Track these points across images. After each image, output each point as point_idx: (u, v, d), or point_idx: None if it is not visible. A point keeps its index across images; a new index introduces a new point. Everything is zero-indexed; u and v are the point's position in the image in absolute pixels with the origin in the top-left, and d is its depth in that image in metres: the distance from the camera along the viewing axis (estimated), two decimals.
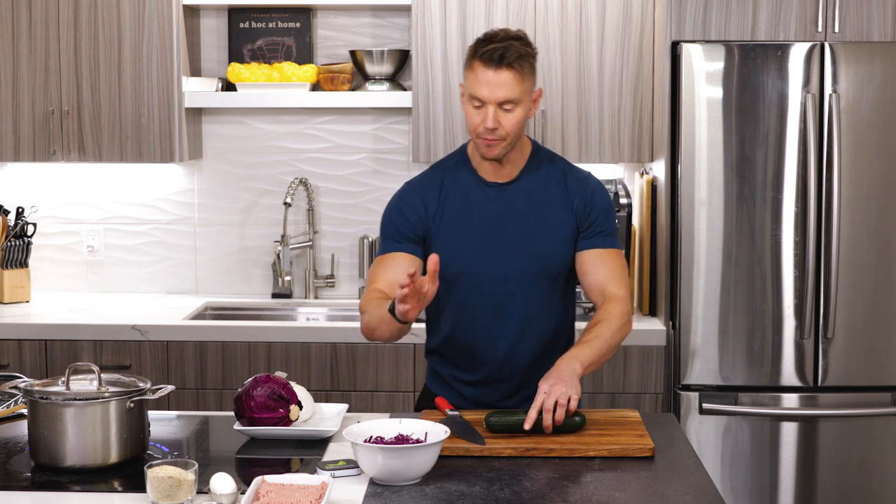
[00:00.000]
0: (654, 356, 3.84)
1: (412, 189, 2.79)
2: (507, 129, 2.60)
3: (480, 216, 2.72)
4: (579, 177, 2.77)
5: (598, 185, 2.78)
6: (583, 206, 2.72)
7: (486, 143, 2.63)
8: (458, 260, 2.71)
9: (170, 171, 4.47)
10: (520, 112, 2.61)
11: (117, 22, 4.09)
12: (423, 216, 2.73)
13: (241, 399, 2.56)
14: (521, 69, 2.58)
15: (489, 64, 2.56)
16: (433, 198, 2.74)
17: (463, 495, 2.19)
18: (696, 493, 2.24)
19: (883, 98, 3.70)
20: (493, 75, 2.56)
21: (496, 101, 2.58)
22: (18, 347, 3.91)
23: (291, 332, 3.92)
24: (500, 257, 2.70)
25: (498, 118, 2.59)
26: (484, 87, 2.57)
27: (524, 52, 2.59)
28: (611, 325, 2.64)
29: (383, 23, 4.40)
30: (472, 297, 2.74)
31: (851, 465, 3.78)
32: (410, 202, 2.75)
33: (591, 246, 2.72)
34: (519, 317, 2.73)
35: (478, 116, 2.60)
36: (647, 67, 4.03)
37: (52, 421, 2.32)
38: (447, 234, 2.72)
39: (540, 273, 2.71)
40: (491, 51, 2.56)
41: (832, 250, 3.71)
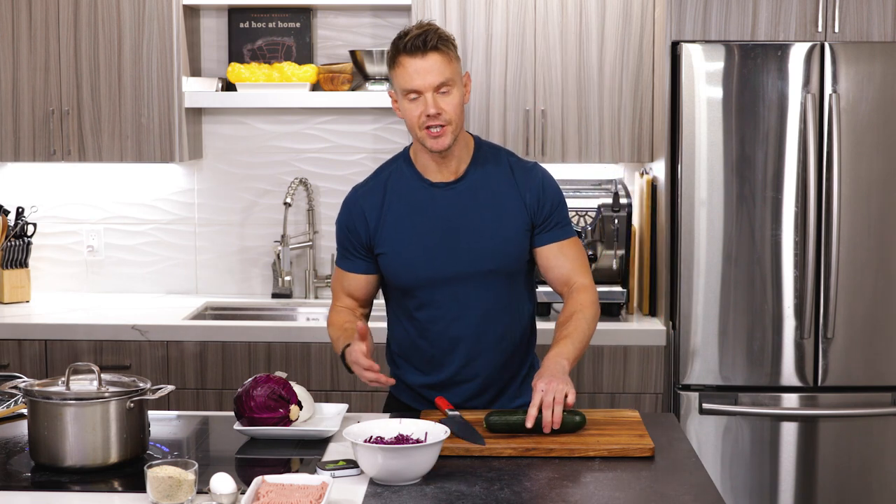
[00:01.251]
0: (654, 356, 3.84)
1: (355, 200, 2.77)
2: (449, 112, 2.59)
3: (428, 219, 2.69)
4: (526, 167, 2.74)
5: (547, 176, 2.76)
6: (535, 201, 2.70)
7: (432, 135, 2.61)
8: (408, 267, 2.69)
9: (170, 171, 4.47)
10: (456, 94, 2.61)
11: (117, 22, 4.09)
12: (365, 229, 2.73)
13: (241, 399, 2.56)
14: (446, 50, 2.59)
15: (415, 53, 2.57)
16: (374, 207, 2.72)
17: (463, 495, 2.19)
18: (696, 493, 2.24)
19: (883, 98, 3.70)
20: (422, 62, 2.57)
21: (431, 86, 2.58)
22: (18, 347, 3.91)
23: (291, 332, 3.92)
24: (453, 259, 2.67)
25: (438, 102, 2.58)
26: (416, 77, 2.58)
27: (444, 35, 2.61)
28: (585, 316, 2.66)
29: (383, 23, 4.40)
30: (428, 302, 2.72)
31: (851, 466, 3.78)
32: (354, 214, 2.75)
33: (550, 240, 2.71)
34: (477, 317, 2.71)
35: (417, 108, 2.60)
36: (647, 67, 4.03)
37: (52, 421, 2.32)
38: (394, 241, 2.70)
39: (495, 271, 2.69)
40: (412, 39, 2.57)
41: (832, 250, 3.71)
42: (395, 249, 2.70)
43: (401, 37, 2.61)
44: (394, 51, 2.61)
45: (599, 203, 3.98)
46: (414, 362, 2.80)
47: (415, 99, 2.59)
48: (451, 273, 2.68)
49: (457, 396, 2.75)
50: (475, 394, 2.77)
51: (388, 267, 2.72)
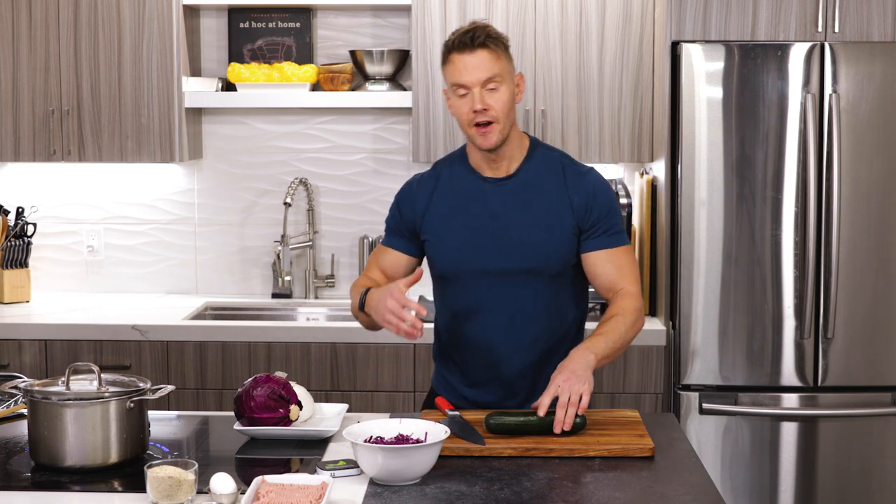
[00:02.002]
0: (654, 356, 3.84)
1: (409, 186, 2.83)
2: (497, 108, 2.62)
3: (475, 211, 2.72)
4: (580, 172, 2.74)
5: (600, 182, 2.75)
6: (584, 205, 2.69)
7: (480, 132, 2.63)
8: (449, 254, 2.73)
9: (170, 171, 4.47)
10: (505, 91, 2.63)
11: (117, 22, 4.09)
12: (412, 215, 2.78)
13: (241, 399, 2.56)
14: (495, 47, 2.62)
15: (463, 49, 2.61)
16: (424, 196, 2.77)
17: (463, 495, 2.19)
18: (696, 493, 2.24)
19: (883, 98, 3.70)
20: (470, 58, 2.61)
21: (479, 81, 2.61)
22: (18, 347, 3.91)
23: (291, 332, 3.92)
24: (494, 253, 2.69)
25: (484, 99, 2.61)
26: (464, 72, 2.61)
27: (494, 34, 2.64)
28: (625, 320, 2.64)
29: (383, 23, 4.40)
30: (466, 293, 2.74)
31: (851, 466, 3.78)
32: (406, 198, 2.81)
33: (597, 247, 2.70)
34: (513, 314, 2.71)
35: (465, 104, 2.63)
36: (647, 67, 4.03)
37: (52, 421, 2.32)
38: (439, 228, 2.74)
39: (536, 270, 2.70)
40: (461, 36, 2.62)
41: (832, 250, 3.71)
42: (440, 236, 2.74)
43: (454, 33, 2.67)
44: (445, 48, 2.66)
45: None
46: (453, 359, 2.81)
47: (463, 95, 2.63)
48: (492, 267, 2.70)
49: (490, 394, 2.76)
50: (507, 394, 2.76)
51: (431, 253, 2.77)
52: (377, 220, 4.46)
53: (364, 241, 4.42)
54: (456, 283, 2.74)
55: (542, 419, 2.49)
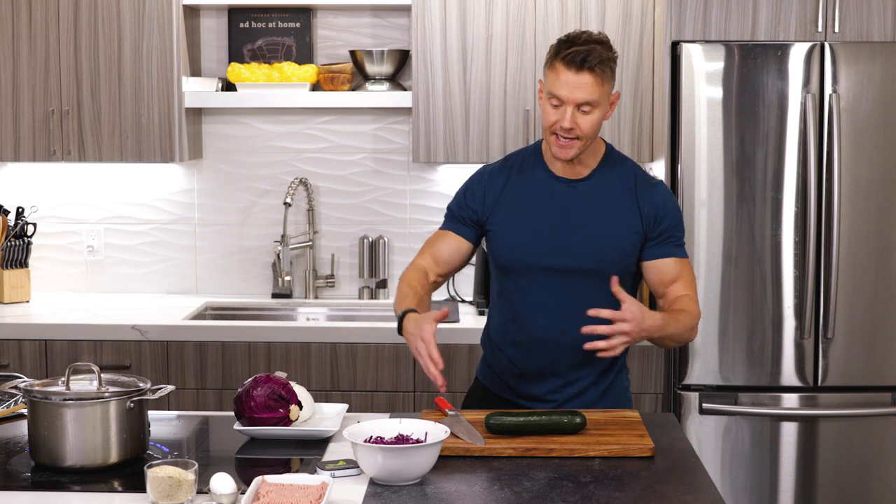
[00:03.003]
0: (654, 356, 3.84)
1: (482, 175, 2.84)
2: (584, 129, 2.63)
3: (543, 208, 2.74)
4: (651, 183, 2.77)
5: (670, 195, 2.78)
6: (653, 214, 2.72)
7: (559, 144, 2.65)
8: (513, 248, 2.74)
9: (170, 171, 4.47)
10: (597, 114, 2.63)
11: (117, 22, 4.09)
12: (481, 205, 2.79)
13: (241, 399, 2.56)
14: (602, 73, 2.61)
15: (571, 66, 2.59)
16: (496, 188, 2.78)
17: (463, 495, 2.19)
18: (696, 493, 2.24)
19: (883, 98, 3.70)
20: (574, 77, 2.59)
21: (575, 102, 2.60)
22: (18, 347, 3.91)
23: (291, 332, 3.92)
24: (557, 251, 2.71)
25: (575, 119, 2.61)
26: (564, 87, 2.60)
27: (606, 57, 2.62)
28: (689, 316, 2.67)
29: (383, 23, 4.40)
30: (524, 288, 2.76)
31: (851, 466, 3.78)
32: (475, 188, 2.82)
33: (663, 255, 2.73)
34: (568, 312, 2.72)
35: (555, 115, 2.63)
36: (647, 67, 4.03)
37: (52, 421, 2.32)
38: (506, 221, 2.75)
39: (595, 272, 2.71)
40: (573, 53, 2.59)
41: (832, 250, 3.71)
42: (506, 228, 2.75)
43: (566, 42, 2.63)
44: (554, 51, 2.64)
45: None
46: (504, 349, 2.82)
47: (557, 105, 2.63)
48: (552, 264, 2.72)
49: (539, 389, 2.77)
50: (555, 389, 2.77)
51: (494, 244, 2.78)
52: (377, 220, 4.46)
53: (364, 241, 4.42)
54: (516, 276, 2.76)
55: (542, 419, 2.49)
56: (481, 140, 4.07)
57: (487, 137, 4.06)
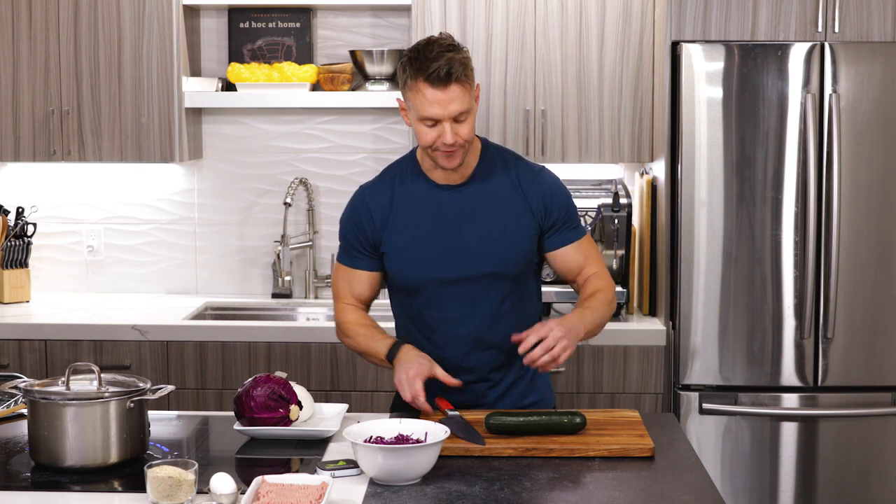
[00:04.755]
0: (654, 356, 3.84)
1: (362, 199, 2.76)
2: (466, 137, 2.59)
3: (434, 222, 2.69)
4: (533, 171, 2.74)
5: (554, 180, 2.75)
6: (542, 206, 2.70)
7: (445, 155, 2.60)
8: (413, 267, 2.70)
9: (170, 171, 4.47)
10: (472, 118, 2.60)
11: (117, 22, 4.09)
12: (371, 227, 2.72)
13: (241, 399, 2.56)
14: (466, 79, 2.56)
15: (436, 84, 2.53)
16: (382, 206, 2.72)
17: (463, 495, 2.19)
18: (696, 493, 2.24)
19: (883, 98, 3.70)
20: (443, 94, 2.54)
21: (450, 116, 2.56)
22: (18, 347, 3.91)
23: (291, 332, 3.92)
24: (458, 261, 2.68)
25: (455, 130, 2.57)
26: (436, 107, 2.54)
27: (464, 61, 2.57)
28: (605, 298, 2.70)
29: (383, 23, 4.40)
30: (432, 303, 2.72)
31: (851, 466, 3.78)
32: (360, 212, 2.74)
33: (562, 243, 2.73)
34: (481, 318, 2.71)
35: (432, 133, 2.58)
36: (647, 67, 4.03)
37: (52, 421, 2.32)
38: (400, 242, 2.70)
39: (500, 274, 2.70)
40: (436, 71, 2.52)
41: (832, 250, 3.71)
42: (401, 249, 2.70)
43: (419, 58, 2.56)
44: (412, 71, 2.56)
45: (599, 203, 3.98)
46: None
47: (432, 125, 2.58)
48: (456, 275, 2.69)
49: (465, 395, 2.75)
50: (481, 393, 2.76)
51: (393, 267, 2.73)
52: None
53: None
54: (420, 293, 2.73)
55: (542, 419, 2.49)
56: None
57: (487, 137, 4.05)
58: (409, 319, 2.79)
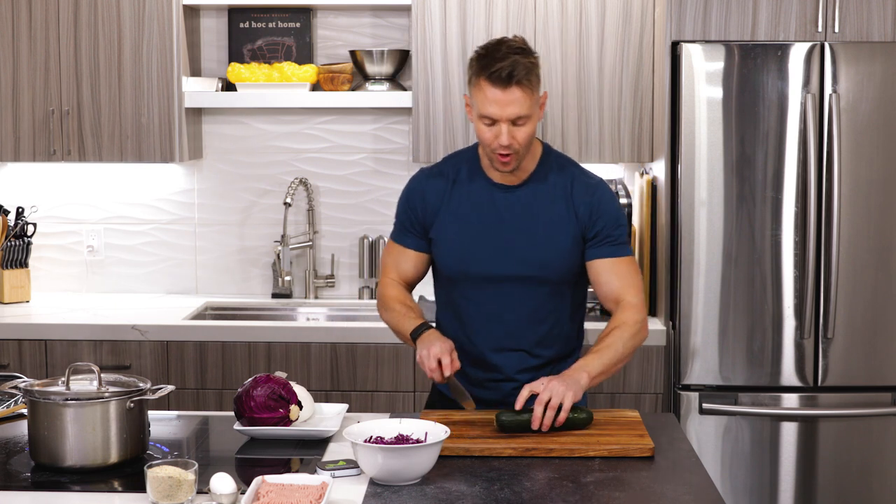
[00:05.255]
0: (654, 356, 3.84)
1: (419, 181, 2.81)
2: (521, 141, 2.61)
3: (484, 218, 2.72)
4: (588, 183, 2.74)
5: (607, 193, 2.75)
6: (588, 215, 2.70)
7: (501, 159, 2.63)
8: (457, 258, 2.73)
9: (170, 171, 4.47)
10: (531, 125, 2.61)
11: (117, 22, 4.09)
12: (423, 211, 2.77)
13: (241, 399, 2.56)
14: (529, 84, 2.57)
15: (497, 84, 2.55)
16: (437, 192, 2.76)
17: (463, 495, 2.19)
18: (696, 493, 2.24)
19: (883, 98, 3.70)
20: (503, 95, 2.55)
21: (508, 118, 2.57)
22: (18, 347, 3.91)
23: (291, 332, 3.92)
24: (501, 260, 2.70)
25: (512, 134, 2.58)
26: (494, 106, 2.56)
27: (530, 65, 2.57)
28: (623, 334, 2.64)
29: (383, 23, 4.40)
30: (470, 297, 2.75)
31: (851, 466, 3.78)
32: (416, 193, 2.79)
33: (600, 255, 2.71)
34: (515, 319, 2.73)
35: (490, 133, 2.60)
36: (647, 67, 4.03)
37: (52, 421, 2.32)
38: (449, 231, 2.74)
39: (540, 279, 2.71)
40: (498, 71, 2.54)
41: (832, 250, 3.71)
42: (448, 240, 2.74)
43: (485, 56, 2.57)
44: (476, 69, 2.58)
45: None
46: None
47: (490, 124, 2.59)
48: (497, 273, 2.71)
49: (491, 392, 2.76)
50: (508, 392, 2.76)
51: (439, 254, 2.77)
52: (377, 220, 4.46)
53: (364, 241, 4.42)
54: (460, 284, 2.76)
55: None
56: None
57: None
58: (448, 306, 2.81)
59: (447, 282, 2.80)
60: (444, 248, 2.75)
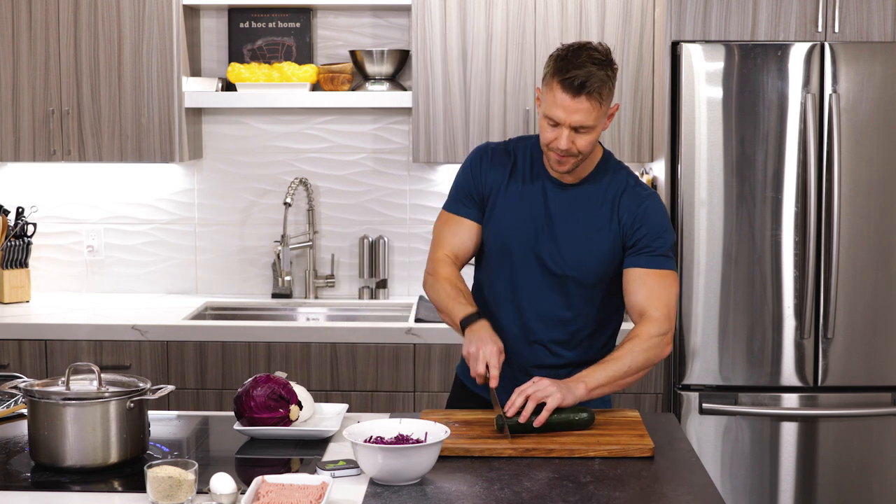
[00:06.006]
0: None
1: (487, 152, 2.79)
2: (582, 150, 2.60)
3: (535, 209, 2.72)
4: (639, 193, 2.71)
5: (656, 205, 2.71)
6: (631, 222, 2.68)
7: (556, 160, 2.63)
8: (502, 244, 2.73)
9: (170, 171, 4.47)
10: (595, 134, 2.60)
11: (117, 22, 4.09)
12: (485, 184, 2.75)
13: (241, 399, 2.56)
14: (600, 97, 2.55)
15: (568, 90, 2.54)
16: (501, 172, 2.75)
17: (463, 495, 2.19)
18: (696, 493, 2.24)
19: (883, 98, 3.70)
20: (572, 102, 2.54)
21: (571, 125, 2.56)
22: (18, 347, 3.91)
23: (291, 332, 3.92)
24: (540, 255, 2.70)
25: (572, 139, 2.58)
26: (560, 111, 2.56)
27: (605, 78, 2.55)
28: (634, 347, 2.59)
29: (383, 23, 4.40)
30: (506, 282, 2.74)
31: (851, 465, 3.78)
32: (483, 165, 2.77)
33: (634, 264, 2.67)
34: (539, 314, 2.73)
35: (551, 133, 2.59)
36: (647, 67, 4.03)
37: (52, 421, 2.32)
38: (500, 215, 2.73)
39: (573, 279, 2.70)
40: (572, 78, 2.52)
41: (832, 250, 3.71)
42: (500, 220, 2.73)
43: (564, 59, 2.56)
44: (553, 69, 2.57)
45: None
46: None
47: (553, 125, 2.59)
48: (535, 266, 2.70)
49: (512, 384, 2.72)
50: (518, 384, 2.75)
51: (485, 231, 2.76)
52: (377, 220, 4.46)
53: (364, 241, 4.42)
54: (499, 267, 2.75)
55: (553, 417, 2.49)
56: (481, 140, 4.06)
57: (487, 137, 4.06)
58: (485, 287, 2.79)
59: (488, 261, 2.78)
60: (492, 229, 2.74)
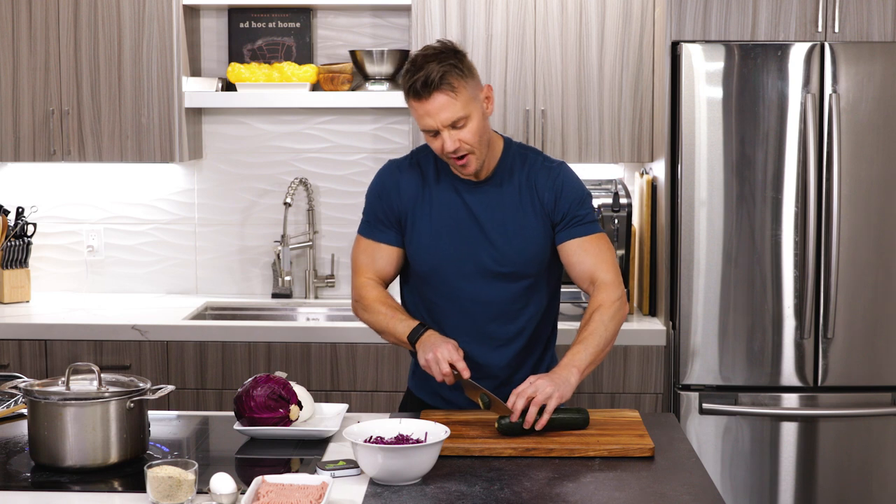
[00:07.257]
0: (654, 356, 3.84)
1: (392, 172, 2.77)
2: (470, 142, 2.59)
3: (455, 215, 2.70)
4: (549, 167, 2.72)
5: (569, 174, 2.73)
6: (553, 199, 2.69)
7: (457, 164, 2.62)
8: (430, 258, 2.71)
9: (170, 171, 4.47)
10: (474, 122, 2.58)
11: (117, 22, 4.09)
12: (399, 203, 2.73)
13: (241, 399, 2.56)
14: (451, 86, 2.55)
15: (417, 96, 2.55)
16: (413, 186, 2.73)
17: (463, 495, 2.19)
18: (696, 493, 2.24)
19: (883, 98, 3.70)
20: (427, 104, 2.55)
21: (444, 124, 2.56)
22: (18, 347, 3.91)
23: (291, 332, 3.92)
24: (474, 256, 2.69)
25: (455, 138, 2.57)
26: (426, 117, 2.56)
27: (447, 68, 2.55)
28: (603, 317, 2.62)
29: (383, 23, 4.40)
30: (444, 294, 2.73)
31: (851, 466, 3.78)
32: (389, 185, 2.75)
33: (570, 237, 2.69)
34: (491, 314, 2.72)
35: (437, 142, 2.60)
36: (647, 67, 4.03)
37: (52, 421, 2.32)
38: (421, 230, 2.72)
39: (514, 274, 2.70)
40: (413, 83, 2.54)
41: (832, 250, 3.71)
42: (421, 235, 2.71)
43: (407, 72, 2.58)
44: (404, 85, 2.59)
45: (599, 203, 3.98)
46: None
47: (434, 136, 2.59)
48: (469, 270, 2.69)
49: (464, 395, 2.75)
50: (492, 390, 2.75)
51: (410, 251, 2.74)
52: None
53: None
54: (433, 281, 2.73)
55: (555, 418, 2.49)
56: None
57: None
58: (423, 308, 2.78)
59: (419, 280, 2.76)
60: (417, 246, 2.72)
